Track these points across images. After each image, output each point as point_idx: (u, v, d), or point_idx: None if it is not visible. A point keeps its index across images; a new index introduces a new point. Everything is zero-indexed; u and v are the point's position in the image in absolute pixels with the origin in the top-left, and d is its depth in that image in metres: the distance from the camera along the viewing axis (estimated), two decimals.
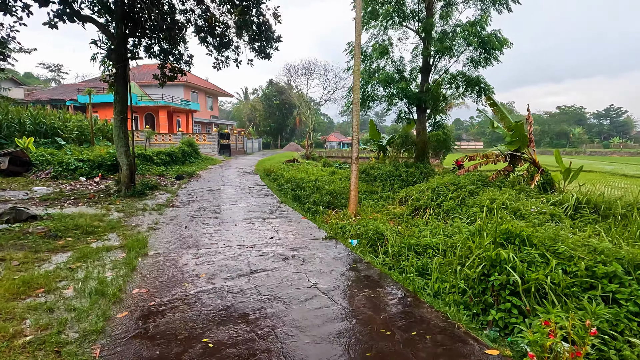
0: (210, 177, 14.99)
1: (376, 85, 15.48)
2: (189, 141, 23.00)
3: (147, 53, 11.46)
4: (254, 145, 42.12)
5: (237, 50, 10.89)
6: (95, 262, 4.47)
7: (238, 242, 5.45)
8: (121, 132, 9.89)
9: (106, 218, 6.89)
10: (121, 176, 10.08)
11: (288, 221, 6.99)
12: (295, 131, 72.23)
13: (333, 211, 9.38)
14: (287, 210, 8.21)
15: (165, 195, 10.09)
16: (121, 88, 9.83)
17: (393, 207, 9.80)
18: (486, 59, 13.96)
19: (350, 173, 8.93)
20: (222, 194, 10.40)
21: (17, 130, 17.91)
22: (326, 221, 8.07)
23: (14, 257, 4.48)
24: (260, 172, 17.20)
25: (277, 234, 5.98)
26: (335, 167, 19.95)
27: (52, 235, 5.39)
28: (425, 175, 13.38)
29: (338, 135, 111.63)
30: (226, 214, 7.65)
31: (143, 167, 15.48)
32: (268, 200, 9.59)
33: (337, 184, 12.68)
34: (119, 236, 5.70)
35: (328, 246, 5.44)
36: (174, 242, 5.48)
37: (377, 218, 8.32)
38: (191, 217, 7.24)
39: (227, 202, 9.13)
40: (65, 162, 13.28)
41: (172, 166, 18.04)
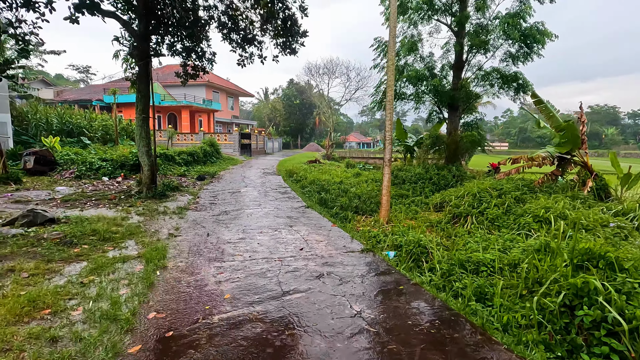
0: (232, 178, 14.63)
1: (405, 83, 14.71)
2: (211, 141, 22.86)
3: (170, 51, 11.17)
4: (274, 145, 41.92)
5: (261, 45, 10.42)
6: (109, 275, 4.02)
7: (265, 254, 4.91)
8: (143, 132, 9.59)
9: (125, 222, 6.51)
10: (142, 177, 9.79)
11: (317, 229, 6.40)
12: (314, 131, 71.87)
13: (362, 217, 8.74)
14: (314, 216, 7.63)
15: (187, 197, 9.72)
16: (143, 86, 9.53)
17: (428, 213, 9.06)
18: (526, 54, 12.95)
19: (382, 176, 8.27)
20: (244, 197, 9.94)
21: (45, 130, 18.19)
22: (356, 228, 7.44)
23: (25, 268, 4.09)
24: (282, 173, 16.74)
25: (307, 244, 5.40)
26: (359, 168, 19.27)
27: (67, 242, 5.01)
28: (457, 179, 12.52)
29: (357, 135, 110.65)
30: (250, 219, 7.14)
31: (165, 167, 15.30)
32: (293, 204, 9.05)
33: (364, 186, 12.02)
34: (137, 243, 5.27)
35: (365, 261, 4.82)
36: (195, 252, 4.99)
37: (412, 226, 7.63)
38: (213, 223, 6.78)
39: (250, 205, 8.65)
40: (88, 161, 13.22)
41: (193, 166, 17.85)
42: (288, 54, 10.43)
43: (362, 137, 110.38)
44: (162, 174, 14.22)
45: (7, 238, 5.06)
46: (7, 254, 4.53)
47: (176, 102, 32.71)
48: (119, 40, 9.29)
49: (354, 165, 19.59)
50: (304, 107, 61.31)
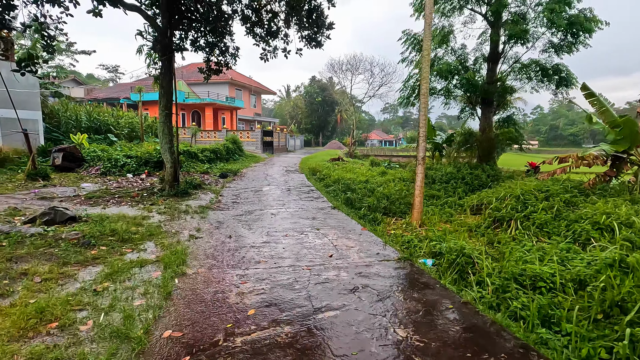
0: (255, 175, 14.36)
1: (435, 77, 13.94)
2: (233, 138, 22.78)
3: (193, 47, 10.96)
4: (296, 142, 41.69)
5: (286, 38, 10.00)
6: (125, 282, 3.70)
7: (292, 261, 4.47)
8: (166, 128, 9.40)
9: (146, 222, 6.26)
10: (165, 174, 9.62)
11: (346, 233, 5.92)
12: (336, 129, 71.24)
13: (392, 219, 8.18)
14: (341, 218, 7.14)
15: (209, 195, 9.47)
16: (166, 82, 9.33)
17: (464, 216, 8.39)
18: (570, 44, 11.92)
19: (415, 175, 7.68)
20: (267, 196, 9.59)
21: (74, 127, 18.58)
22: (387, 232, 6.90)
23: (38, 271, 3.84)
24: (305, 171, 16.34)
25: (337, 250, 4.93)
26: (384, 166, 18.61)
27: (85, 243, 4.76)
28: (493, 179, 11.70)
29: (379, 133, 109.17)
30: (274, 220, 6.75)
31: (188, 164, 15.23)
32: (318, 204, 8.60)
33: (391, 186, 11.41)
34: (157, 245, 4.97)
35: (404, 272, 4.30)
36: (217, 256, 4.62)
37: (448, 230, 7.02)
38: (236, 223, 6.43)
39: (273, 205, 8.27)
40: (114, 158, 13.27)
41: (216, 163, 17.76)
42: (313, 47, 9.96)
43: (384, 134, 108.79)
44: (185, 171, 14.13)
45: (26, 237, 4.87)
46: (23, 255, 4.31)
47: (200, 100, 33.00)
48: (142, 34, 9.13)
49: (379, 164, 18.95)
50: (325, 105, 60.78)
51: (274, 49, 10.52)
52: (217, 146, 19.89)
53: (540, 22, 11.62)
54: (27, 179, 10.74)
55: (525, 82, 13.79)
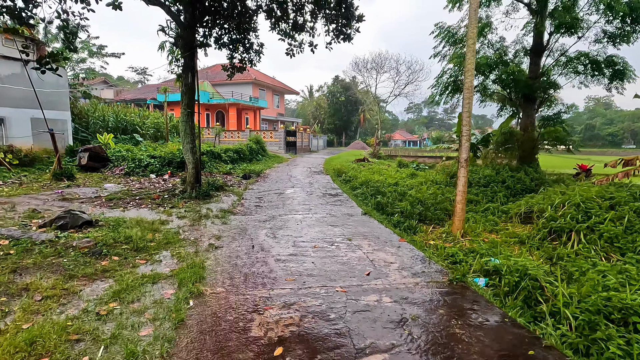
0: (278, 176, 13.88)
1: None
2: (257, 138, 22.50)
3: (217, 44, 10.58)
4: (319, 142, 41.18)
5: (313, 32, 9.41)
6: (134, 302, 3.20)
7: (323, 280, 3.86)
8: (187, 128, 9.04)
9: (164, 227, 5.84)
10: (187, 175, 9.26)
11: (382, 244, 5.24)
12: (359, 129, 70.23)
13: (430, 227, 7.41)
14: (374, 226, 6.46)
15: (231, 197, 9.02)
16: (188, 79, 8.97)
17: (510, 224, 7.51)
18: (629, 33, 10.69)
19: (455, 179, 6.88)
20: (292, 199, 9.03)
21: (102, 127, 18.83)
22: (426, 242, 6.16)
23: (41, 287, 3.42)
24: (330, 172, 15.71)
25: (375, 267, 4.27)
26: (412, 167, 17.70)
27: (96, 253, 4.34)
28: (537, 183, 10.65)
29: (403, 133, 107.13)
30: (300, 227, 6.16)
31: (211, 165, 14.97)
32: (347, 209, 7.95)
33: (424, 189, 10.60)
34: (173, 256, 4.49)
35: (458, 298, 3.58)
36: (238, 272, 4.07)
37: (496, 241, 6.20)
38: (259, 231, 5.89)
39: (299, 210, 7.69)
40: (137, 158, 13.16)
41: (239, 164, 17.46)
42: (342, 41, 9.32)
43: (408, 134, 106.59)
44: (207, 172, 13.86)
45: (35, 245, 4.51)
46: (29, 266, 3.93)
47: (224, 100, 33.09)
48: (165, 30, 8.80)
49: (407, 165, 18.05)
50: (349, 104, 59.97)
51: (300, 44, 9.97)
52: (241, 146, 19.63)
53: (595, 9, 10.46)
54: (52, 179, 10.71)
55: (572, 76, 12.59)
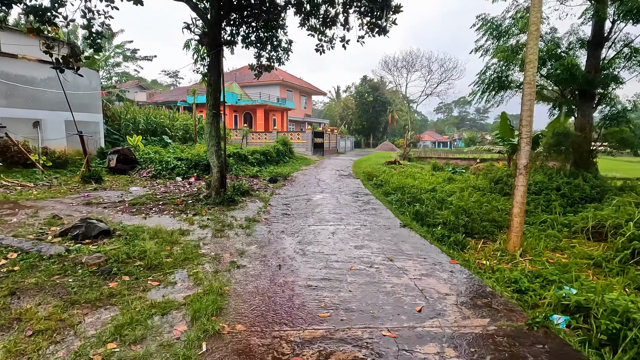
0: (306, 180, 13.27)
1: (517, 67, 11.80)
2: (284, 140, 22.07)
3: (244, 43, 10.13)
4: (347, 144, 40.38)
5: (346, 24, 8.69)
6: (136, 344, 2.63)
7: (365, 317, 3.14)
8: (213, 129, 8.59)
9: (184, 239, 5.33)
10: (212, 179, 8.83)
11: (431, 267, 4.44)
12: (387, 129, 68.70)
13: (479, 242, 6.49)
14: (417, 242, 5.65)
15: (257, 203, 8.49)
16: (214, 78, 8.52)
17: (576, 241, 6.44)
18: None
19: (514, 189, 5.93)
20: (322, 206, 8.36)
21: (132, 129, 19.04)
22: (478, 263, 5.28)
23: (36, 317, 2.93)
24: (360, 175, 14.93)
25: (427, 299, 3.50)
26: (448, 171, 16.55)
27: (106, 271, 3.85)
28: (599, 191, 9.36)
29: (433, 133, 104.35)
30: (332, 242, 5.46)
31: (238, 167, 14.61)
32: (383, 219, 7.17)
33: (466, 196, 9.61)
34: (190, 276, 3.92)
35: (545, 352, 2.75)
36: (262, 301, 3.43)
37: (564, 263, 5.21)
38: (286, 245, 5.25)
39: (330, 219, 7.00)
40: (164, 161, 12.98)
41: (266, 166, 17.04)
42: (377, 35, 8.55)
43: (437, 135, 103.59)
44: (233, 175, 13.49)
45: (43, 260, 4.09)
46: (29, 287, 3.48)
47: (252, 101, 33.07)
48: (190, 28, 8.41)
49: (442, 168, 16.91)
50: (377, 105, 58.70)
51: (331, 39, 9.29)
52: (268, 148, 19.25)
53: None
54: (81, 182, 10.65)
55: (637, 69, 11.10)
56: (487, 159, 33.17)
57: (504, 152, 14.35)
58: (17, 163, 12.21)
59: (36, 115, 14.14)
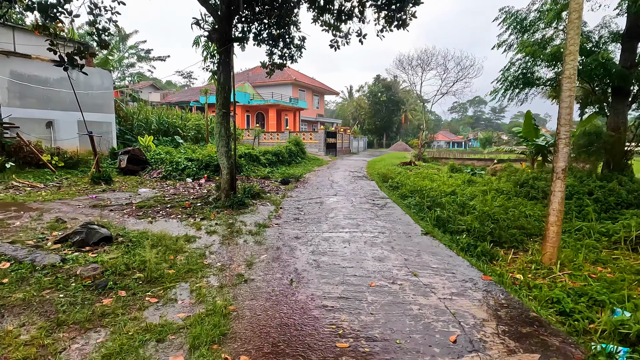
0: (319, 181, 12.84)
1: (543, 63, 11.10)
2: (296, 140, 21.71)
3: (256, 40, 9.77)
4: (359, 144, 39.81)
5: (363, 16, 8.21)
6: None
7: (391, 350, 2.68)
8: (222, 129, 8.25)
9: (189, 247, 4.97)
10: (221, 181, 8.49)
11: (461, 284, 3.94)
12: (400, 129, 67.77)
13: (509, 252, 5.93)
14: (442, 252, 5.15)
15: (268, 207, 8.10)
16: (224, 76, 8.18)
17: (618, 252, 5.81)
18: None
19: (551, 196, 5.36)
20: (335, 210, 7.92)
21: (145, 129, 18.97)
22: (512, 277, 4.74)
23: (16, 341, 2.58)
24: (375, 177, 14.42)
25: (461, 326, 3.01)
26: (467, 172, 15.87)
27: (101, 285, 3.50)
28: (636, 195, 8.63)
29: (447, 133, 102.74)
30: (349, 252, 5.02)
31: (249, 168, 14.29)
32: (402, 225, 6.68)
33: (489, 201, 9.03)
34: (192, 292, 3.54)
35: None
36: (271, 326, 3.01)
37: (613, 281, 4.63)
38: (298, 255, 4.83)
39: (345, 225, 6.55)
40: (175, 161, 12.75)
41: (278, 167, 16.69)
42: (396, 28, 8.06)
43: (452, 135, 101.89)
44: (244, 176, 13.17)
45: (36, 271, 3.78)
46: (16, 303, 3.15)
47: (264, 101, 32.87)
48: (199, 23, 8.08)
49: (460, 169, 16.23)
50: (390, 104, 57.91)
51: (347, 34, 8.84)
52: (280, 148, 18.91)
53: None
54: (90, 183, 10.49)
55: None
56: (504, 159, 32.15)
57: (528, 153, 13.62)
58: (29, 163, 12.17)
59: (49, 116, 14.13)
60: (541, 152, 13.07)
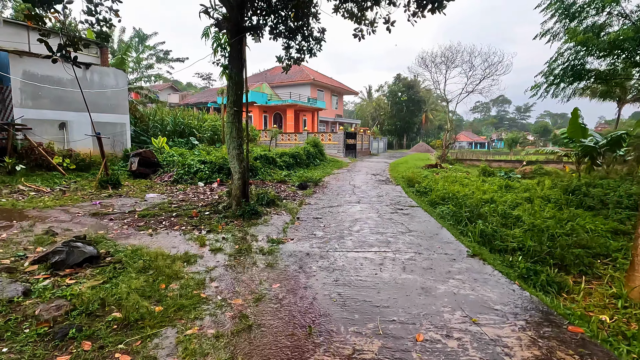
0: (339, 186, 11.87)
1: (594, 53, 9.77)
2: (314, 141, 20.82)
3: (272, 34, 8.93)
4: (379, 145, 38.56)
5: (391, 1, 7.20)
6: None
7: None
8: (234, 130, 7.42)
9: (187, 270, 4.12)
10: (232, 187, 7.67)
11: (541, 339, 2.88)
12: (420, 130, 65.89)
13: (579, 279, 4.78)
14: (501, 284, 4.07)
15: (283, 217, 7.21)
16: (236, 71, 7.36)
17: None
18: None
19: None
20: (360, 222, 6.93)
21: (160, 130, 18.54)
22: (597, 323, 3.63)
23: None
24: (400, 181, 13.33)
25: None
26: (501, 176, 14.51)
27: (60, 334, 2.66)
28: None
29: (469, 134, 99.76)
30: (381, 281, 4.03)
31: (264, 171, 13.48)
32: (440, 243, 5.62)
33: (537, 209, 7.84)
34: (178, 345, 2.66)
35: None
36: None
37: None
38: (318, 287, 3.89)
39: (372, 242, 5.56)
40: (187, 164, 12.08)
41: (295, 170, 15.83)
42: (430, 13, 6.99)
43: (474, 136, 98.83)
44: (260, 180, 12.36)
45: None
46: None
47: (281, 101, 32.19)
48: (208, 12, 7.28)
49: (493, 173, 14.87)
50: (411, 104, 56.24)
51: (372, 22, 7.85)
52: (297, 150, 18.06)
53: None
54: (97, 187, 9.91)
55: None
56: (533, 161, 30.18)
57: (573, 155, 12.20)
58: (41, 166, 11.77)
59: (62, 117, 13.77)
60: (589, 154, 11.64)
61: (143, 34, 28.21)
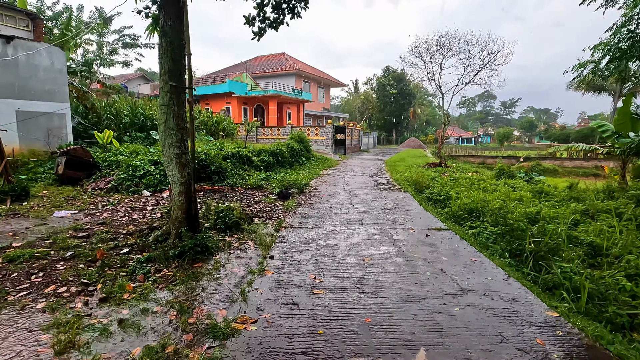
0: (331, 194, 9.25)
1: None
2: (300, 136, 18.16)
3: None
4: (369, 140, 36.13)
5: None
6: None
7: None
8: (171, 117, 4.69)
9: None
10: (171, 207, 4.95)
11: None
12: (408, 125, 63.84)
13: None
14: None
15: (248, 254, 4.56)
16: (172, 23, 4.62)
17: None
18: None
19: None
20: (373, 269, 4.35)
21: (114, 123, 15.50)
22: None
23: None
24: (404, 184, 10.82)
25: None
26: (520, 177, 12.19)
27: None
28: None
29: (456, 129, 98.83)
30: None
31: (236, 174, 10.74)
32: (527, 315, 3.10)
33: (597, 227, 5.48)
34: None
35: None
36: None
37: None
38: None
39: (407, 328, 2.98)
40: (132, 166, 9.22)
41: (277, 170, 13.14)
42: None
43: (461, 131, 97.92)
44: (229, 186, 9.62)
45: None
46: None
47: (263, 92, 29.27)
48: None
49: (513, 174, 12.51)
50: (400, 98, 54.00)
51: None
52: (280, 146, 15.34)
53: None
54: None
55: None
56: (532, 157, 28.43)
57: (615, 151, 9.94)
58: None
59: None
60: (636, 152, 9.39)
61: (104, 13, 24.72)
